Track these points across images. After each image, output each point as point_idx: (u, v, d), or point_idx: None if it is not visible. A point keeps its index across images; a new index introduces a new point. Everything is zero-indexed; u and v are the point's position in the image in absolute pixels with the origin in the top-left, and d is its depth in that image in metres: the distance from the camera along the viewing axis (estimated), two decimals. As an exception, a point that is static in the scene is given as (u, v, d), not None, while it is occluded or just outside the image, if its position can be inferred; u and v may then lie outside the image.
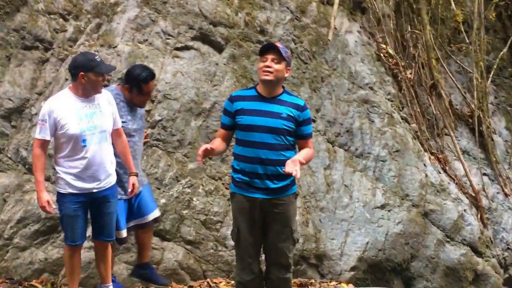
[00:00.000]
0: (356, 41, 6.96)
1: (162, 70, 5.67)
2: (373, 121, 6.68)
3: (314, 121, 6.39)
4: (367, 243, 6.22)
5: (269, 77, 3.94)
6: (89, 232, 4.63)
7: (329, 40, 6.63)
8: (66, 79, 5.40)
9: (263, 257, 4.35)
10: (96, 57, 4.32)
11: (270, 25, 6.28)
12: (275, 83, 4.01)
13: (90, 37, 5.61)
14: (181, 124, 5.63)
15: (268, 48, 4.01)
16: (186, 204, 5.59)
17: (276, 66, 3.94)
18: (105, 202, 4.43)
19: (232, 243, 4.68)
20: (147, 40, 5.68)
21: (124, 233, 4.75)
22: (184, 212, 5.57)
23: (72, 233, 4.42)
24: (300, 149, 4.16)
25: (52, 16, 5.53)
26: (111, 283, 4.68)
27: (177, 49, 5.78)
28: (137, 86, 4.67)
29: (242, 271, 4.20)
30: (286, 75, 4.05)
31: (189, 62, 5.78)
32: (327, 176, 6.30)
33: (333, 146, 6.45)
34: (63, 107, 4.26)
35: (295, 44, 6.44)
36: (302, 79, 6.41)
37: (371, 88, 6.83)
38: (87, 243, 5.26)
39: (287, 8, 6.47)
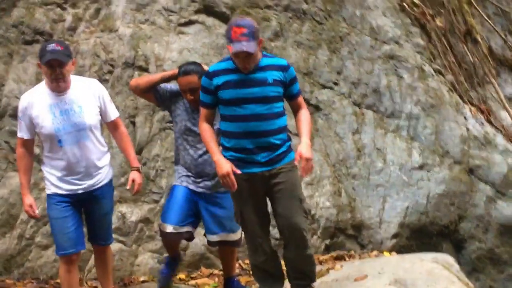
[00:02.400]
0: (375, -6, 6.74)
1: (167, 48, 5.65)
2: (401, 77, 6.48)
3: (336, 84, 6.27)
4: (407, 207, 6.06)
5: (250, 68, 3.82)
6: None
7: (344, -4, 6.44)
8: (70, 70, 5.45)
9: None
10: (47, 46, 3.96)
11: (278, -12, 6.16)
12: (255, 65, 3.87)
13: (90, 24, 5.64)
14: (192, 102, 5.59)
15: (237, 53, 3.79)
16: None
17: (253, 58, 3.78)
18: (96, 202, 4.16)
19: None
20: (148, 19, 5.67)
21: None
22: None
23: (63, 240, 4.06)
24: (293, 110, 4.03)
25: (49, 6, 5.58)
26: None
27: (180, 25, 5.74)
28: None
29: (254, 253, 4.09)
30: (260, 46, 3.87)
31: (195, 38, 5.74)
32: (356, 141, 6.15)
33: (360, 109, 6.30)
34: (38, 103, 4.01)
35: (307, 4, 6.30)
36: (319, 40, 6.27)
37: (397, 42, 6.61)
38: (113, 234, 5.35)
39: (295, -33, 6.32)
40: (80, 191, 4.07)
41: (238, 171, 3.82)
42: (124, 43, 5.52)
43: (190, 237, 4.56)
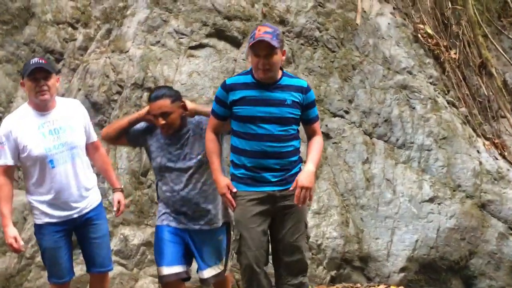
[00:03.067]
0: (389, 23, 6.76)
1: (177, 71, 5.68)
2: (414, 108, 6.44)
3: (347, 112, 6.24)
4: (417, 241, 5.95)
5: (267, 75, 3.75)
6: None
7: (357, 25, 6.46)
8: (79, 89, 5.50)
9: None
10: (30, 61, 3.91)
11: (290, 14, 6.20)
12: (274, 75, 3.81)
13: (100, 44, 5.70)
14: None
15: (258, 43, 3.70)
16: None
17: (272, 60, 3.70)
18: (90, 225, 4.02)
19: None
20: (159, 41, 5.72)
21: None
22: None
23: (56, 269, 3.98)
24: (307, 135, 3.95)
25: (60, 25, 5.68)
26: None
27: (191, 48, 5.79)
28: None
29: (250, 284, 3.85)
30: (283, 58, 3.83)
31: (205, 61, 5.77)
32: (366, 170, 6.09)
33: (371, 138, 6.25)
34: (23, 126, 3.85)
35: (320, 32, 6.32)
36: (331, 68, 6.27)
37: (410, 73, 6.59)
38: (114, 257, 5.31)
39: (309, -6, 6.36)
40: (75, 215, 3.95)
41: (234, 189, 3.77)
42: (134, 64, 5.57)
43: (187, 276, 4.24)
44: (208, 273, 4.18)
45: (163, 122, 3.97)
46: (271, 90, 3.77)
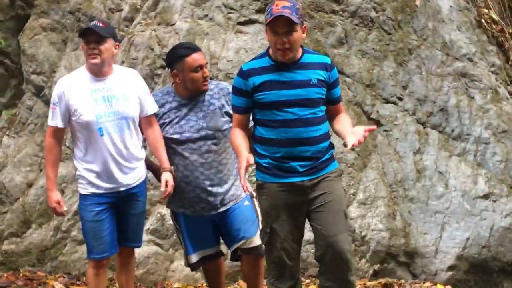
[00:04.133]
0: (451, 6, 6.45)
1: (224, 47, 5.55)
2: (473, 98, 6.14)
3: (401, 99, 6.00)
4: (468, 238, 5.69)
5: (288, 56, 3.48)
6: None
7: (417, 6, 6.19)
8: (123, 62, 5.43)
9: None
10: (91, 23, 3.94)
11: (346, -7, 5.97)
12: (294, 54, 3.53)
13: (147, 16, 5.61)
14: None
15: (276, 19, 3.40)
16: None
17: (292, 38, 3.41)
18: (132, 201, 4.01)
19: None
20: (207, 15, 5.59)
21: (192, 258, 4.19)
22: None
23: (97, 243, 3.93)
24: (331, 116, 3.67)
25: (107, -5, 5.60)
26: None
27: (240, 23, 5.64)
28: (180, 63, 4.00)
29: (278, 278, 3.64)
30: (304, 35, 3.54)
31: (253, 38, 5.61)
32: (417, 161, 5.85)
33: (424, 128, 6.00)
34: (77, 89, 3.85)
35: (376, 12, 6.07)
36: (386, 52, 6.03)
37: (470, 60, 6.29)
38: (146, 236, 5.26)
39: (366, -28, 6.11)
40: (121, 189, 3.91)
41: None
42: (180, 38, 5.45)
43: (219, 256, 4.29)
44: (235, 245, 4.07)
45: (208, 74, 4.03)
46: (293, 70, 3.51)
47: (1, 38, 5.57)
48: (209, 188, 4.01)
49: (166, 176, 4.00)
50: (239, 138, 3.61)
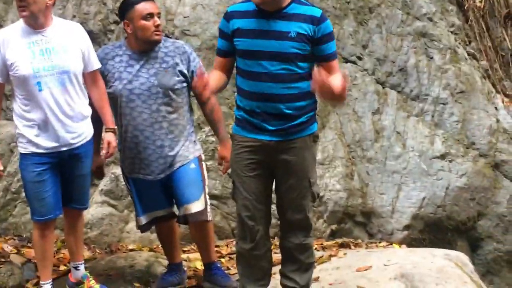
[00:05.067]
0: (412, -36, 6.39)
1: (180, 2, 5.39)
2: (431, 58, 6.16)
3: (360, 58, 5.98)
4: (424, 198, 5.79)
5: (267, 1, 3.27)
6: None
7: (378, -37, 6.10)
8: (74, 16, 5.24)
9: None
10: None
11: None
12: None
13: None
14: (202, 63, 5.31)
15: None
16: (210, 154, 5.34)
17: None
18: (76, 162, 3.84)
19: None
20: (163, -32, 5.40)
21: (141, 220, 4.14)
22: (209, 163, 5.32)
23: (40, 205, 3.78)
24: None
25: None
26: (82, 261, 4.14)
27: (197, -23, 5.47)
28: (130, 12, 3.86)
29: (241, 239, 3.62)
30: None
31: (210, -7, 5.45)
32: (375, 122, 5.87)
33: (383, 88, 6.01)
34: (13, 42, 3.64)
35: (337, -31, 5.97)
36: (346, 10, 5.96)
37: (430, 19, 6.28)
38: (100, 197, 5.18)
39: None
40: (63, 148, 3.75)
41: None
42: (134, -8, 5.26)
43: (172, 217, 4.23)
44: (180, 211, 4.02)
45: (159, 22, 3.88)
46: (274, 19, 3.30)
47: None
48: (159, 150, 3.92)
49: (109, 137, 3.89)
50: (213, 73, 3.57)
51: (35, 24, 3.68)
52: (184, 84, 3.98)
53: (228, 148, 3.94)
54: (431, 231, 5.84)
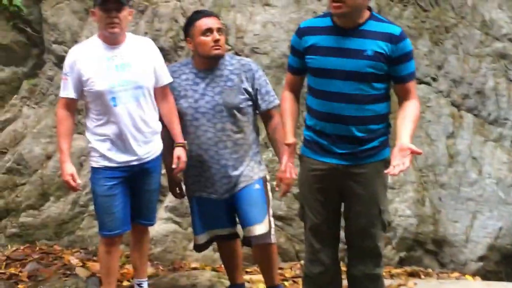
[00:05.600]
0: (492, -17, 6.16)
1: (250, 20, 5.37)
2: (511, 81, 5.88)
3: (435, 79, 5.78)
4: (501, 228, 5.49)
5: (341, 10, 3.08)
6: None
7: (456, -18, 5.91)
8: (146, 33, 5.29)
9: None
10: None
11: (381, -34, 5.71)
12: (352, 14, 3.13)
13: (172, -14, 5.44)
14: (271, 81, 5.24)
15: None
16: (275, 173, 5.23)
17: None
18: (146, 177, 3.88)
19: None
20: (235, -15, 5.40)
21: (200, 238, 4.09)
22: (274, 182, 5.22)
23: (109, 219, 3.80)
24: (398, 98, 3.28)
25: (131, -37, 5.44)
26: (146, 278, 4.14)
27: (268, -5, 5.44)
28: (191, 28, 3.86)
29: (309, 262, 3.49)
30: None
31: (282, 11, 5.41)
32: (450, 146, 5.64)
33: (458, 111, 5.77)
34: (89, 58, 3.70)
35: (412, -13, 5.82)
36: (421, 29, 5.78)
37: (511, 40, 6.00)
38: (165, 214, 5.17)
39: None
40: (134, 163, 3.78)
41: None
42: (206, 9, 5.26)
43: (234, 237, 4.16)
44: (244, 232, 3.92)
45: (220, 37, 3.79)
46: (349, 37, 3.14)
47: (23, 5, 5.46)
48: (224, 169, 3.86)
49: (179, 152, 3.87)
50: (287, 108, 3.44)
51: (115, 40, 3.74)
52: (249, 103, 3.90)
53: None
54: (508, 263, 5.53)
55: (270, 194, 4.04)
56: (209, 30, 3.79)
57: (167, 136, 3.96)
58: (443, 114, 5.68)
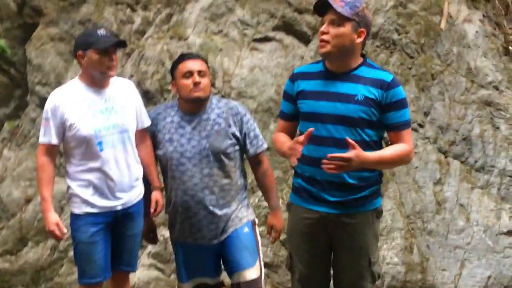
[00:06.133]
0: (477, 32, 6.24)
1: (238, 64, 5.38)
2: (498, 128, 5.90)
3: (422, 126, 5.77)
4: (489, 277, 5.41)
5: (324, 49, 3.05)
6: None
7: (441, 30, 5.98)
8: (132, 76, 5.27)
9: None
10: (97, 32, 3.66)
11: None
12: (338, 56, 3.09)
13: (159, 29, 5.47)
14: (258, 126, 5.18)
15: (323, 7, 3.06)
16: (262, 220, 5.14)
17: (335, 31, 3.01)
18: (129, 221, 3.78)
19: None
20: (221, 31, 5.43)
21: (185, 286, 3.93)
22: (261, 229, 5.12)
23: (89, 267, 3.69)
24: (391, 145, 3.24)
25: (119, 6, 5.49)
26: None
27: (255, 40, 5.48)
28: (175, 71, 3.80)
29: None
30: (359, 40, 3.09)
31: (269, 56, 5.43)
32: (437, 192, 5.60)
33: (445, 157, 5.76)
34: (72, 101, 3.60)
35: (399, 34, 5.87)
36: (407, 76, 5.81)
37: (496, 88, 6.06)
38: (147, 260, 5.04)
39: (390, -8, 5.92)
40: (118, 207, 3.67)
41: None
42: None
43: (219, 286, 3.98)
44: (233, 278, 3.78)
45: (200, 80, 3.66)
46: (341, 81, 3.12)
47: (7, 47, 5.44)
48: (211, 215, 3.72)
49: (156, 195, 3.82)
50: (282, 137, 3.35)
51: (101, 83, 3.67)
52: (237, 148, 3.80)
53: (278, 217, 3.78)
54: (498, 313, 5.45)
55: (259, 238, 3.93)
56: (190, 73, 3.70)
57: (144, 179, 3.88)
58: (430, 161, 5.66)
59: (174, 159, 3.73)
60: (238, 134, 3.78)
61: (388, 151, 3.14)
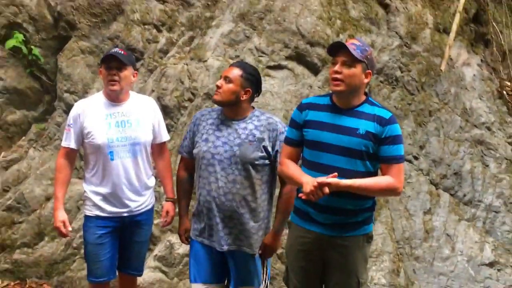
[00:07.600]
0: (474, 75, 6.55)
1: (251, 88, 5.65)
2: (487, 166, 6.18)
3: (416, 158, 6.05)
4: (469, 304, 5.66)
5: (339, 88, 3.28)
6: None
7: (441, 71, 6.28)
8: (153, 91, 5.56)
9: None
10: (111, 49, 3.92)
11: (374, 50, 6.07)
12: (348, 94, 3.34)
13: (181, 50, 5.76)
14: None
15: (337, 48, 3.31)
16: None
17: (348, 71, 3.25)
18: (136, 228, 3.96)
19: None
20: (238, 56, 5.71)
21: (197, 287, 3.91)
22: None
23: (95, 267, 3.89)
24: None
25: (146, 26, 5.76)
26: None
27: (269, 67, 5.74)
28: None
29: None
30: (366, 80, 3.33)
31: (280, 82, 5.70)
32: (426, 221, 5.86)
33: (436, 189, 6.02)
34: (92, 112, 3.85)
35: (401, 72, 6.17)
36: (407, 111, 6.10)
37: (488, 128, 6.35)
38: (153, 262, 5.29)
39: (396, 33, 6.24)
40: (124, 214, 3.90)
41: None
42: (210, 74, 5.57)
43: None
44: None
45: (221, 83, 3.70)
46: (346, 115, 3.34)
47: (41, 55, 5.74)
48: (227, 220, 3.73)
49: (168, 206, 4.06)
50: (292, 166, 3.45)
51: (116, 98, 3.90)
52: (266, 162, 3.74)
53: (275, 239, 3.82)
54: (474, 339, 5.68)
55: (269, 268, 3.95)
56: (221, 76, 3.80)
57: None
58: (422, 191, 5.91)
59: (206, 158, 3.75)
60: (270, 149, 3.74)
61: (368, 181, 3.30)
